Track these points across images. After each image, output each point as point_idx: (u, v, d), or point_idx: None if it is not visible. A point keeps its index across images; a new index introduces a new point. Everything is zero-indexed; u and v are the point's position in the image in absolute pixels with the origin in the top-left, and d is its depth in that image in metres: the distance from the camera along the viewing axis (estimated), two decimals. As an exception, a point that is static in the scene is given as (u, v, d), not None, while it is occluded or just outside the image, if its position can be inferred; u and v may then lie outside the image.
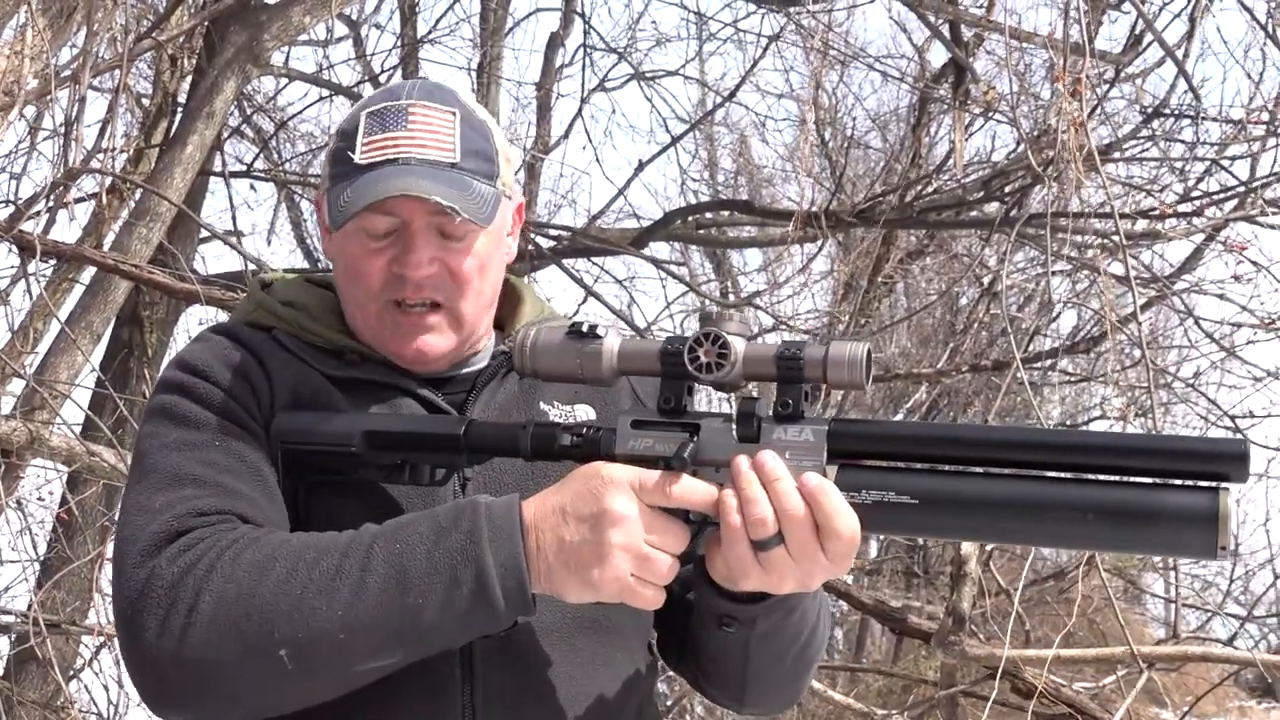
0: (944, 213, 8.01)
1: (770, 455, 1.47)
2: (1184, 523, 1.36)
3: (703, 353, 1.50)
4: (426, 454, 1.63)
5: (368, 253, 1.70)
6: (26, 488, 5.73)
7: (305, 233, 10.77)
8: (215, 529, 1.52)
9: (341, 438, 1.62)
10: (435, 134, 1.70)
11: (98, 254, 4.77)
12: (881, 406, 12.72)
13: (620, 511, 1.46)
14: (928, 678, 5.46)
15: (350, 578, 1.46)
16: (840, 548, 1.47)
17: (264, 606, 1.45)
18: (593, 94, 9.36)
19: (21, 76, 4.67)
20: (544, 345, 1.58)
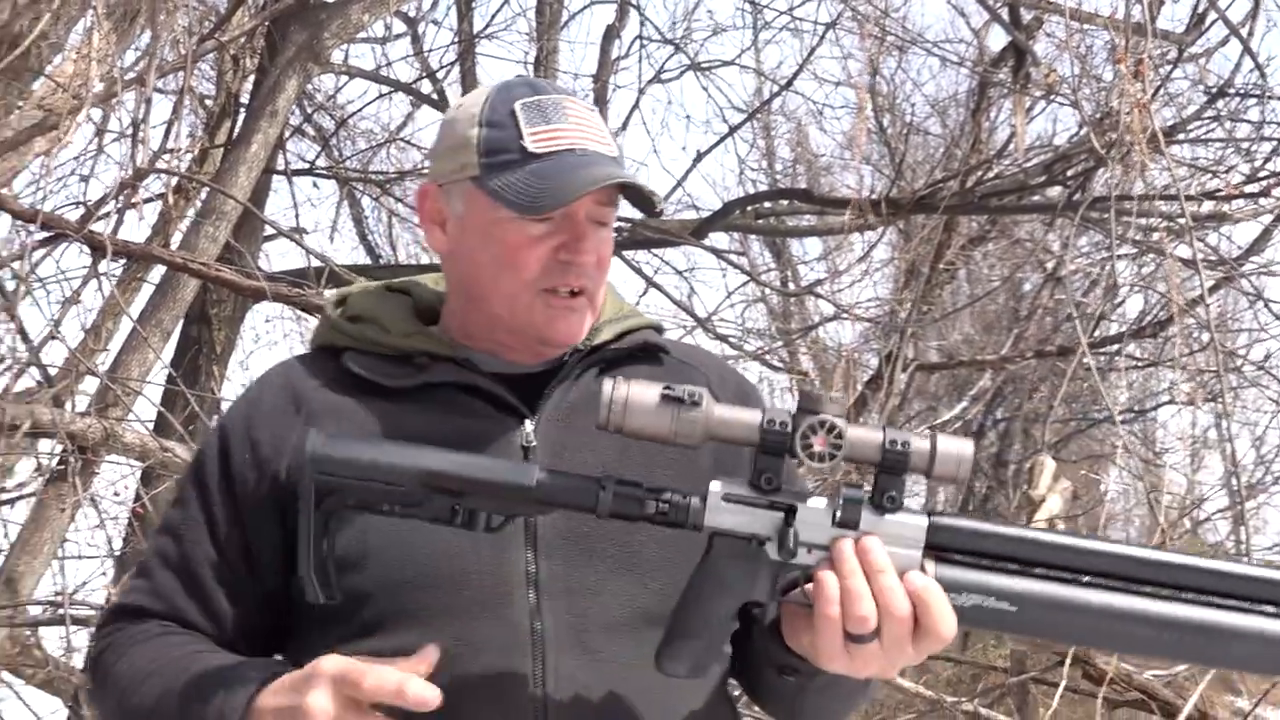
0: (1005, 198, 7.94)
1: (876, 543, 1.47)
2: (1259, 645, 1.47)
3: (816, 441, 1.48)
4: (489, 500, 1.56)
5: (529, 240, 1.72)
6: (101, 484, 5.83)
7: (367, 229, 10.85)
8: (121, 627, 1.70)
9: (390, 473, 1.55)
10: (593, 128, 1.75)
11: (166, 253, 4.85)
12: (946, 394, 12.66)
13: (316, 708, 1.50)
14: (997, 665, 5.42)
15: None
16: (933, 646, 1.48)
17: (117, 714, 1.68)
18: (649, 86, 9.37)
19: (88, 80, 4.75)
20: (637, 405, 1.52)
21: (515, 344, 1.77)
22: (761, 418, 1.51)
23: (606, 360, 1.81)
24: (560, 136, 1.71)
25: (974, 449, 1.49)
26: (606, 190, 1.72)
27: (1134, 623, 1.48)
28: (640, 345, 1.84)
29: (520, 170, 1.69)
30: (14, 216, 4.62)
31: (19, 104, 6.32)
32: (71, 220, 4.68)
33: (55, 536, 4.99)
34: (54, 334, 4.68)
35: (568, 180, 1.67)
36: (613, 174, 1.70)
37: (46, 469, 5.18)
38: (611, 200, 1.74)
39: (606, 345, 1.82)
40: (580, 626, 1.63)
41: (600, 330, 1.82)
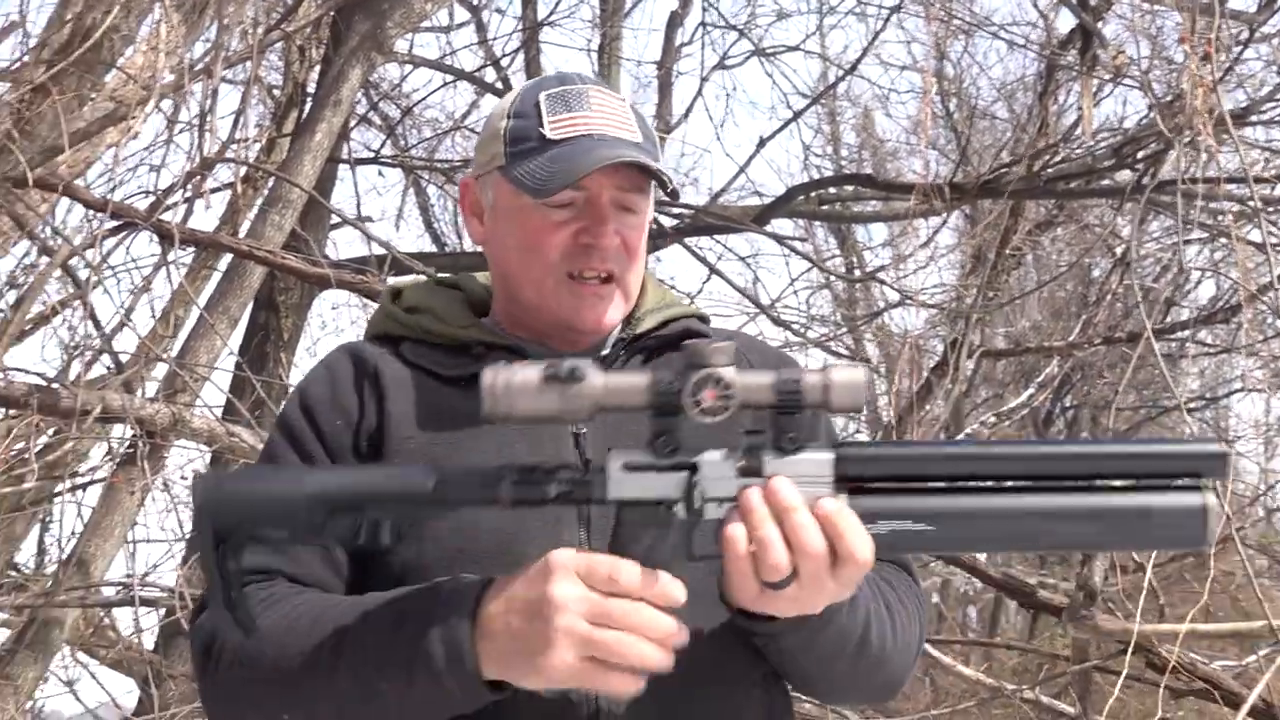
0: (1073, 182, 7.84)
1: (783, 483, 1.45)
2: (1175, 519, 1.48)
3: (706, 395, 1.45)
4: (390, 509, 1.51)
5: (550, 225, 1.75)
6: (170, 468, 5.93)
7: (432, 217, 10.94)
8: (251, 588, 1.61)
9: (284, 503, 1.51)
10: (616, 115, 1.77)
11: (233, 241, 4.92)
12: (1013, 381, 12.53)
13: (563, 597, 1.44)
14: (1060, 654, 5.38)
15: (326, 660, 1.54)
16: (854, 574, 1.46)
17: (266, 677, 1.57)
18: (713, 72, 9.36)
19: (157, 71, 4.82)
20: (520, 386, 1.47)
21: (551, 332, 1.80)
22: (649, 380, 1.48)
23: (650, 348, 1.82)
24: (579, 122, 1.74)
25: (865, 376, 1.47)
26: (630, 176, 1.74)
27: (1054, 520, 1.48)
28: (683, 333, 1.84)
29: (539, 157, 1.73)
30: (85, 206, 4.71)
31: (91, 96, 6.43)
32: (141, 209, 4.75)
33: (125, 520, 5.09)
34: (125, 321, 4.76)
35: (578, 162, 1.70)
36: (620, 154, 1.71)
37: (117, 454, 5.28)
38: (637, 186, 1.76)
39: (649, 333, 1.83)
40: None
41: (643, 319, 1.84)
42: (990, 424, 9.63)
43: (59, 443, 5.25)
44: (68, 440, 4.96)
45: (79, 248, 4.61)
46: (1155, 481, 1.49)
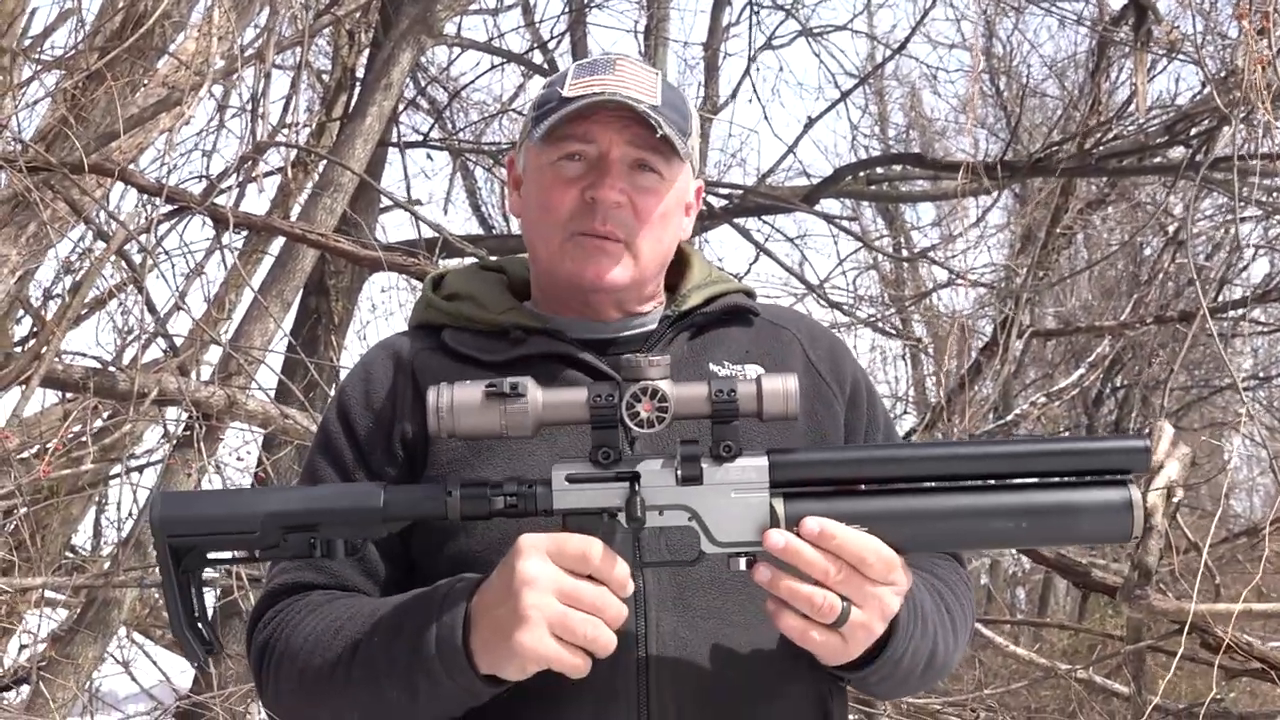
0: (1125, 159, 7.75)
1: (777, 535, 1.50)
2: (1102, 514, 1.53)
3: (642, 408, 1.51)
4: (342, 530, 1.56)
5: (561, 182, 1.76)
6: (224, 451, 5.99)
7: (480, 200, 10.95)
8: (288, 604, 1.70)
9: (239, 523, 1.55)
10: (639, 80, 1.78)
11: (286, 224, 4.96)
12: (1062, 361, 12.42)
13: (531, 574, 1.48)
14: (1114, 634, 5.34)
15: (341, 672, 1.60)
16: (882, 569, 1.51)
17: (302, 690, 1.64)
18: (760, 52, 9.30)
19: (211, 56, 4.86)
20: (462, 405, 1.53)
21: (567, 296, 1.81)
22: (587, 394, 1.53)
23: (697, 325, 1.82)
24: (596, 84, 1.75)
25: (797, 383, 1.52)
26: (643, 135, 1.73)
27: (985, 517, 1.54)
28: (730, 308, 1.85)
29: (555, 114, 1.74)
30: (141, 191, 4.76)
31: (144, 83, 6.49)
32: (194, 194, 4.79)
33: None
34: (180, 305, 4.81)
35: (575, 109, 1.72)
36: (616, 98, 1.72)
37: (173, 436, 5.34)
38: (653, 147, 1.74)
39: (696, 310, 1.83)
40: (681, 584, 1.65)
41: (689, 295, 1.84)
42: (1040, 404, 9.54)
43: (115, 426, 5.31)
44: (125, 423, 5.01)
45: (135, 232, 4.66)
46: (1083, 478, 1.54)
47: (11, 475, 5.06)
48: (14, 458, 5.21)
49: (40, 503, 5.49)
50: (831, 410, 1.81)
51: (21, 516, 5.42)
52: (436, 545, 1.69)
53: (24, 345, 6.86)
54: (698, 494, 1.53)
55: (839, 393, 1.84)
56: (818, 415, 1.80)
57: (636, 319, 1.83)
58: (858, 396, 1.86)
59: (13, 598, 5.12)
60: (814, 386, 1.81)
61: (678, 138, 1.73)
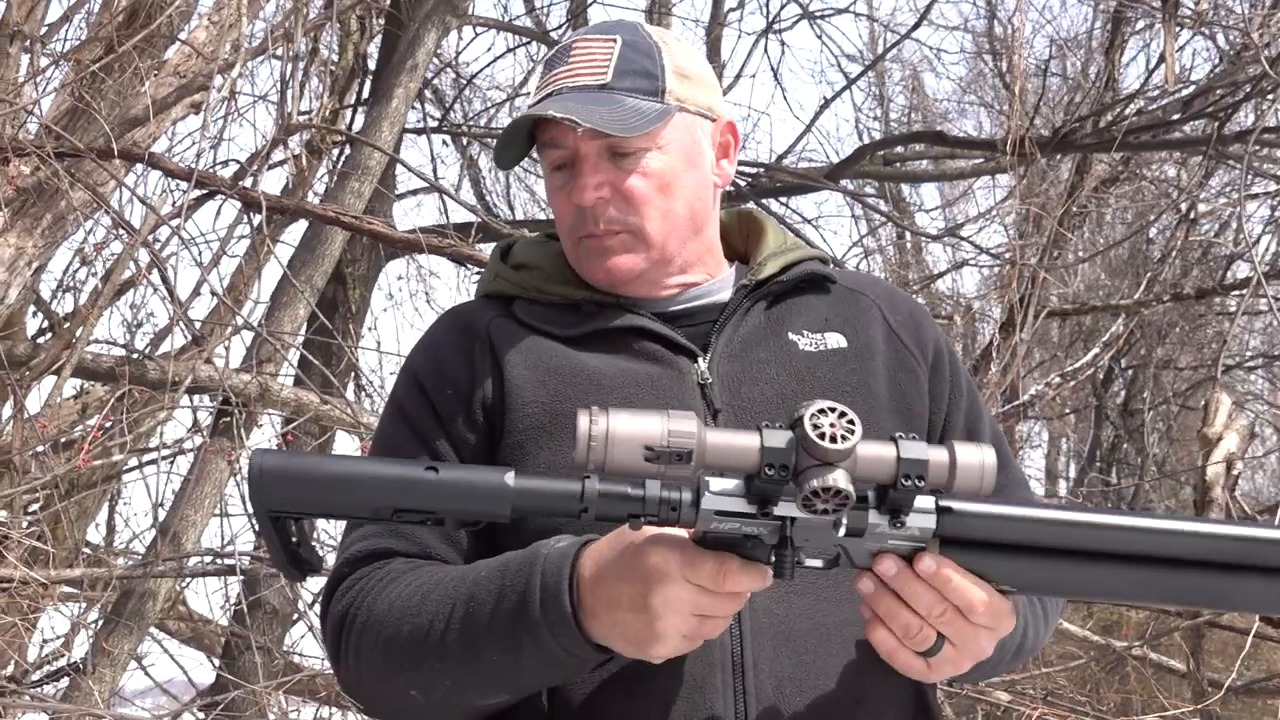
0: (1141, 135, 7.72)
1: (889, 562, 1.44)
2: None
3: (828, 423, 1.38)
4: (463, 508, 1.45)
5: (555, 191, 1.76)
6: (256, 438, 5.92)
7: (484, 189, 10.91)
8: (369, 571, 1.64)
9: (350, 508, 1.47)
10: (589, 62, 1.73)
11: (320, 207, 4.89)
12: (1070, 342, 12.40)
13: (674, 597, 1.42)
14: (1168, 609, 5.29)
15: (436, 636, 1.54)
16: (987, 619, 1.46)
17: (388, 657, 1.58)
18: (764, 35, 9.24)
19: (240, 37, 4.78)
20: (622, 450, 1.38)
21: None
22: (759, 460, 1.37)
23: (773, 294, 1.78)
24: (549, 83, 1.74)
25: (995, 458, 1.41)
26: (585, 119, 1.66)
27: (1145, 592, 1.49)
28: (806, 276, 1.80)
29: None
30: (170, 175, 4.68)
31: (154, 71, 6.41)
32: (224, 178, 4.72)
33: (216, 490, 5.09)
34: (214, 292, 4.74)
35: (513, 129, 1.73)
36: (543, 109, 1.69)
37: (203, 425, 5.27)
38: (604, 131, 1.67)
39: (773, 278, 1.78)
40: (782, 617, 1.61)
41: (765, 264, 1.79)
42: (1055, 384, 9.52)
43: (146, 415, 5.24)
44: (161, 409, 4.95)
45: (166, 217, 4.58)
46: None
47: (39, 467, 4.99)
48: (38, 452, 5.14)
49: (66, 496, 5.41)
50: (915, 378, 1.77)
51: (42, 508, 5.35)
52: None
53: (39, 339, 6.78)
54: (860, 545, 1.46)
55: (921, 359, 1.79)
56: (901, 384, 1.75)
57: (703, 289, 1.78)
58: (940, 362, 1.81)
59: (37, 590, 5.05)
60: (896, 354, 1.77)
61: (641, 101, 1.70)
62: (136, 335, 6.64)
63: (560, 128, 1.69)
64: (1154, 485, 11.34)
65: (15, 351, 4.70)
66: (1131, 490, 11.10)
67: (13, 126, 5.08)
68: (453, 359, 1.73)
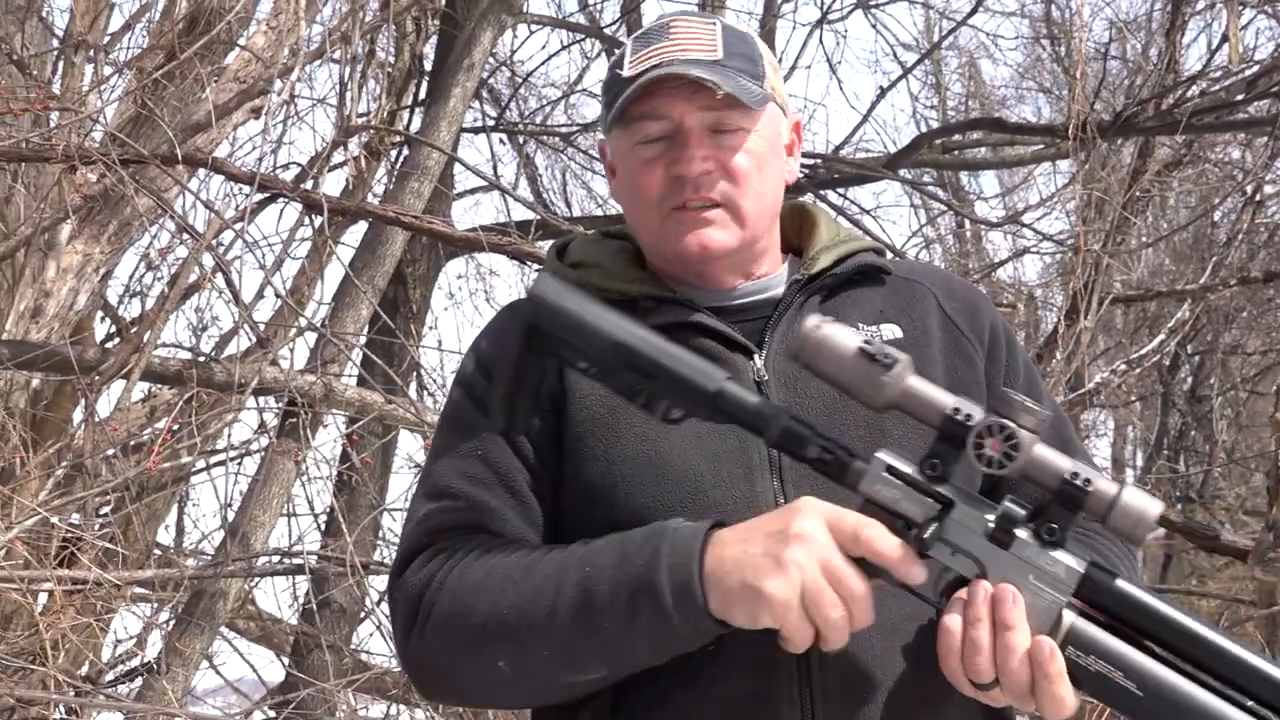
0: (1204, 117, 7.60)
1: (1011, 595, 1.42)
2: None
3: (989, 444, 1.42)
4: (670, 394, 1.54)
5: (645, 164, 1.71)
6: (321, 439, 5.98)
7: (541, 187, 10.94)
8: (454, 542, 1.62)
9: (590, 335, 1.55)
10: (696, 39, 1.72)
11: (379, 208, 4.92)
12: (1134, 329, 12.23)
13: (808, 532, 1.44)
14: (1243, 598, 5.21)
15: (545, 601, 1.52)
16: (1054, 712, 1.43)
17: (480, 626, 1.55)
18: (818, 26, 9.18)
19: (298, 41, 4.82)
20: (832, 351, 1.48)
21: (678, 272, 1.75)
22: (951, 403, 1.45)
23: (828, 287, 1.76)
24: (652, 56, 1.70)
25: (1159, 510, 1.39)
26: (707, 94, 1.66)
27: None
28: (860, 268, 1.78)
29: (619, 97, 1.69)
30: (233, 180, 4.73)
31: (214, 78, 6.48)
32: (286, 181, 4.76)
33: (284, 490, 5.14)
34: (277, 294, 4.78)
35: (633, 92, 1.67)
36: (669, 69, 1.66)
37: (269, 426, 5.32)
38: (727, 104, 1.68)
39: (826, 272, 1.76)
40: None
41: (818, 258, 1.77)
42: (1121, 372, 9.39)
43: (215, 418, 5.30)
44: (227, 411, 5.00)
45: (230, 221, 4.63)
46: None
47: (109, 471, 5.06)
48: (109, 455, 5.21)
49: (137, 499, 5.49)
50: (972, 364, 1.75)
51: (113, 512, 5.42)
52: (586, 507, 1.65)
53: (107, 344, 6.88)
54: (998, 556, 1.45)
55: (978, 345, 1.77)
56: (958, 372, 1.73)
57: (759, 284, 1.77)
58: (996, 348, 1.79)
59: (110, 591, 5.12)
60: (953, 341, 1.75)
61: (750, 83, 1.69)
62: (202, 338, 6.75)
63: (664, 98, 1.68)
64: (1223, 473, 11.16)
65: (85, 356, 4.76)
66: (1200, 477, 10.92)
67: (79, 135, 5.15)
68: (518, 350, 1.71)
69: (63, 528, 4.30)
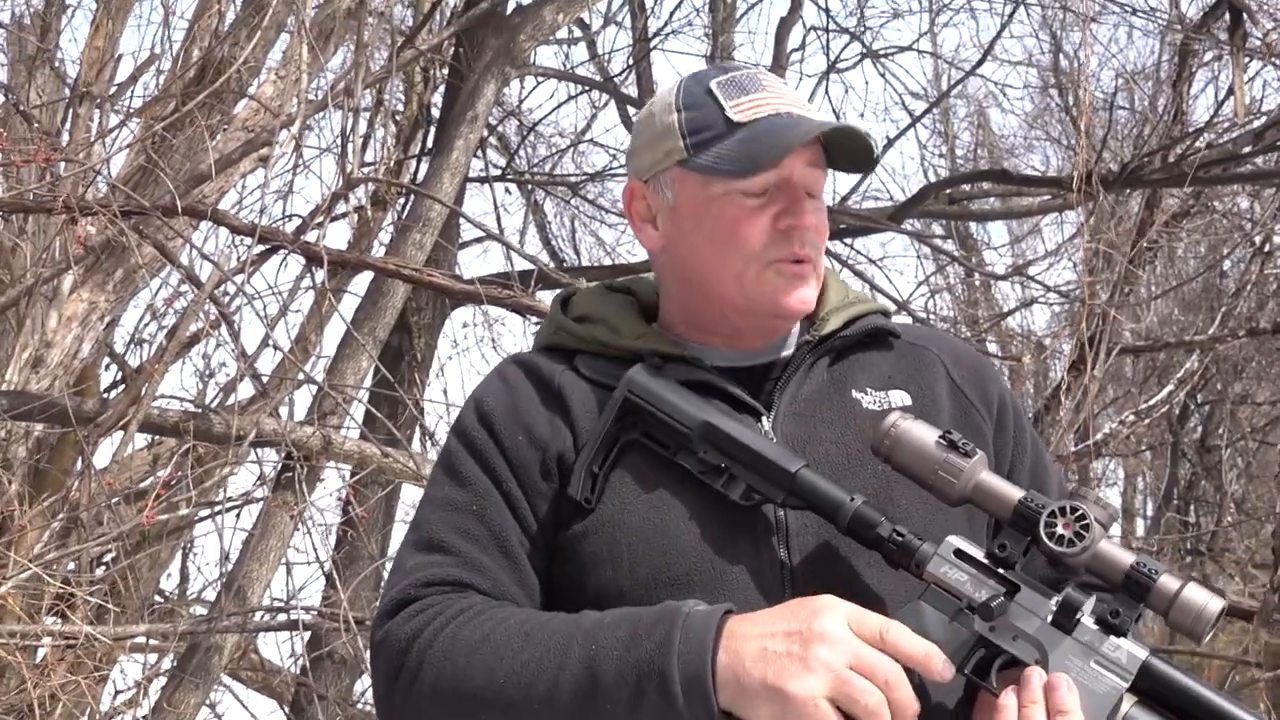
0: (1211, 169, 7.58)
1: (1065, 683, 1.44)
2: None
3: (1061, 524, 1.47)
4: (750, 473, 1.59)
5: (748, 213, 1.68)
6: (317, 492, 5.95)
7: (550, 234, 10.96)
8: (446, 598, 1.58)
9: (682, 416, 1.61)
10: (793, 94, 1.72)
11: (379, 260, 4.92)
12: (1144, 378, 12.18)
13: (831, 631, 1.43)
14: (1248, 659, 5.14)
15: (547, 675, 1.48)
16: None
17: (472, 691, 1.51)
18: (826, 76, 9.21)
19: (300, 94, 4.84)
20: (911, 443, 1.56)
21: (745, 324, 1.72)
22: (1021, 495, 1.51)
23: (836, 349, 1.74)
24: (761, 104, 1.68)
25: (1220, 607, 1.44)
26: (816, 154, 1.68)
27: None
28: (870, 331, 1.77)
29: (729, 140, 1.66)
30: (234, 231, 4.73)
31: (224, 126, 6.51)
32: (287, 233, 4.76)
33: (281, 544, 5.11)
34: (277, 348, 4.78)
35: (781, 136, 1.64)
36: (827, 122, 1.66)
37: (267, 478, 5.30)
38: (821, 165, 1.69)
39: (835, 334, 1.75)
40: None
41: (828, 319, 1.75)
42: (1130, 422, 9.35)
43: (210, 471, 5.28)
44: (225, 465, 4.98)
45: (230, 273, 4.63)
46: None
47: (108, 522, 5.04)
48: (111, 505, 5.19)
49: (135, 550, 5.46)
50: (980, 434, 1.73)
51: (112, 562, 5.40)
52: (581, 572, 1.62)
53: (111, 392, 6.88)
54: (1060, 641, 1.47)
55: (987, 416, 1.76)
56: None
57: (774, 344, 1.75)
58: (1004, 419, 1.77)
59: (111, 645, 5.09)
60: (961, 410, 1.74)
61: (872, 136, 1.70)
62: (209, 386, 6.74)
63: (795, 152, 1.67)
64: (1234, 524, 11.08)
65: (83, 408, 4.75)
66: (1210, 531, 10.85)
67: (82, 186, 5.17)
68: (527, 405, 1.70)
69: (54, 584, 4.27)
